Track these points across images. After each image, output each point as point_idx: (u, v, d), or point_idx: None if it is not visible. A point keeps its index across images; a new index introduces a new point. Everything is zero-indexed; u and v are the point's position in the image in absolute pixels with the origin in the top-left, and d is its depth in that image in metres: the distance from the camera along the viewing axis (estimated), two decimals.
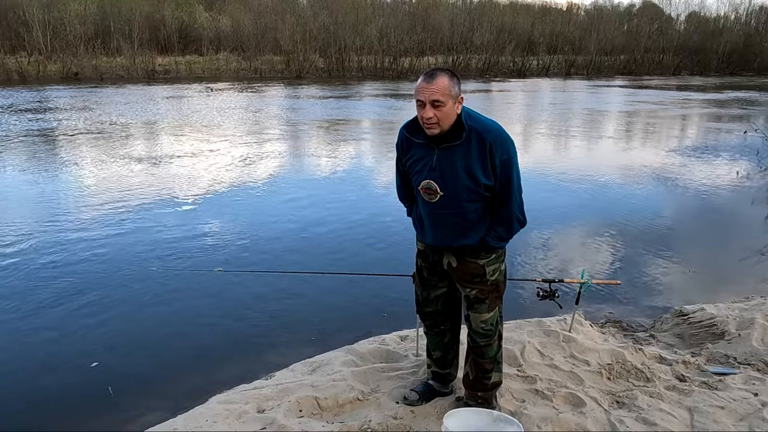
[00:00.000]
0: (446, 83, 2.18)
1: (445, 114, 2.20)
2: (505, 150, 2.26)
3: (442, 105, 2.18)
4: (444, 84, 2.17)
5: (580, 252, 5.71)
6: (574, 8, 54.32)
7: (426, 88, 2.18)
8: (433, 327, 2.73)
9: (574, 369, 3.14)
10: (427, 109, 2.19)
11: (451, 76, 2.21)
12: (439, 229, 2.41)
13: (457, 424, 2.38)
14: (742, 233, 6.47)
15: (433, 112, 2.19)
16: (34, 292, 4.52)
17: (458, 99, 2.23)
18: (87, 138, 11.97)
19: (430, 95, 2.17)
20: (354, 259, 5.35)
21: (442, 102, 2.17)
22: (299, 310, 4.32)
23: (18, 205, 7.03)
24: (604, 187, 8.35)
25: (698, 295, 4.67)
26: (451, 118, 2.23)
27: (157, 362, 3.60)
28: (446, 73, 2.21)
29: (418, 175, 2.38)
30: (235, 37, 37.56)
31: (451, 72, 2.24)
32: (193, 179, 8.41)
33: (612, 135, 13.81)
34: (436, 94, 2.16)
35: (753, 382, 3.03)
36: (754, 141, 11.88)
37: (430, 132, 2.25)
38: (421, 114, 2.23)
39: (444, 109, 2.19)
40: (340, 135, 13.07)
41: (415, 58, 38.27)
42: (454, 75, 2.23)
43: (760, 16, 51.26)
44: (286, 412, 2.71)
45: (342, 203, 7.31)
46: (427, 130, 2.25)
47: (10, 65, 29.09)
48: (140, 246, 5.57)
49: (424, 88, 2.19)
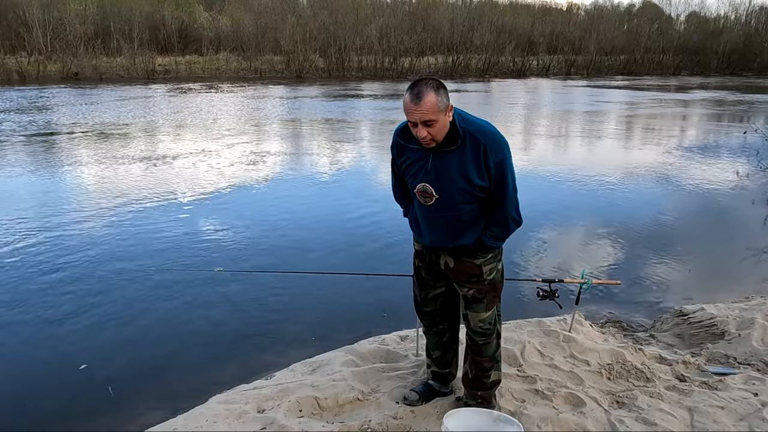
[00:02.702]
0: (434, 101, 2.15)
1: (438, 129, 2.21)
2: (499, 151, 2.27)
3: (434, 122, 2.18)
4: (432, 102, 2.15)
5: (580, 252, 5.71)
6: (574, 8, 54.47)
7: (415, 110, 2.16)
8: (432, 326, 2.74)
9: (574, 369, 3.14)
10: (420, 129, 2.19)
11: (437, 88, 2.17)
12: (436, 231, 2.42)
13: (457, 424, 2.38)
14: (742, 233, 6.47)
15: (427, 131, 2.19)
16: (33, 292, 4.52)
17: (448, 109, 2.21)
18: (87, 138, 11.97)
19: (421, 116, 2.16)
20: (354, 259, 5.35)
21: (433, 120, 2.17)
22: (299, 310, 4.32)
23: (17, 205, 7.03)
24: (603, 186, 8.34)
25: (698, 295, 4.67)
26: (444, 129, 2.23)
27: (157, 362, 3.60)
28: (431, 87, 2.16)
29: (413, 178, 2.39)
30: (235, 37, 37.57)
31: (436, 83, 2.19)
32: (193, 179, 8.42)
33: (611, 135, 13.81)
34: (426, 114, 2.15)
35: (753, 382, 3.03)
36: (754, 141, 11.88)
37: (427, 146, 2.26)
38: (415, 132, 2.23)
39: (437, 125, 2.19)
40: (340, 135, 13.07)
41: (415, 58, 38.29)
42: (440, 85, 2.19)
43: (760, 16, 51.33)
44: (286, 412, 2.71)
45: (342, 203, 7.31)
46: (425, 145, 2.27)
47: (10, 65, 29.09)
48: (140, 246, 5.58)
49: (413, 110, 2.16)
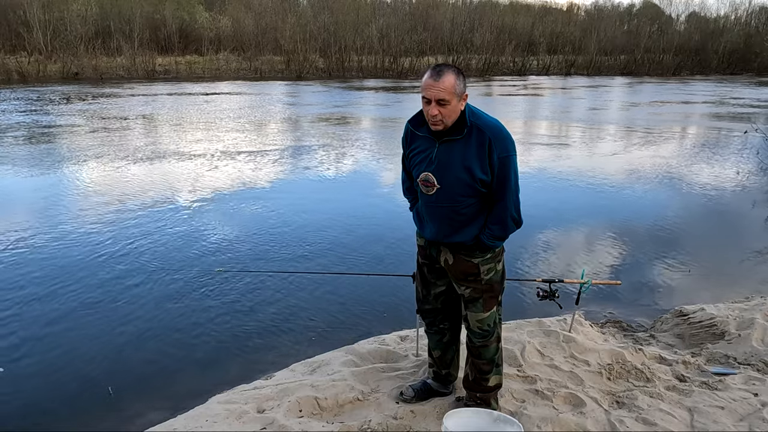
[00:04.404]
0: (452, 82, 2.21)
1: (449, 111, 2.25)
2: (504, 147, 2.29)
3: (447, 103, 2.22)
4: (450, 83, 2.21)
5: (580, 252, 5.71)
6: (574, 8, 54.50)
7: (432, 86, 2.21)
8: (432, 325, 2.75)
9: (574, 369, 3.14)
10: (432, 106, 2.24)
11: (458, 73, 2.24)
12: (435, 223, 2.44)
13: (457, 424, 2.38)
14: (742, 233, 6.47)
15: (438, 110, 2.23)
16: (33, 292, 4.52)
17: (463, 96, 2.27)
18: (87, 138, 11.97)
19: (436, 94, 2.21)
20: (354, 259, 5.36)
21: (447, 100, 2.22)
22: (299, 310, 4.32)
23: (17, 205, 7.04)
24: (603, 187, 8.34)
25: (698, 295, 4.67)
26: (455, 114, 2.27)
27: (157, 362, 3.60)
28: (453, 70, 2.24)
29: (418, 167, 2.43)
30: (235, 37, 37.58)
31: (458, 69, 2.27)
32: (193, 179, 8.42)
33: (611, 135, 13.81)
34: (442, 93, 2.20)
35: (753, 382, 3.03)
36: (754, 141, 11.88)
37: (435, 128, 2.31)
38: (427, 110, 2.28)
39: (449, 107, 2.24)
40: (341, 135, 13.07)
41: (415, 58, 38.29)
42: (460, 72, 2.27)
43: (760, 16, 51.37)
44: (286, 412, 2.71)
45: (342, 203, 7.31)
46: (432, 126, 2.31)
47: (10, 65, 29.06)
48: (140, 246, 5.57)
49: (431, 86, 2.22)
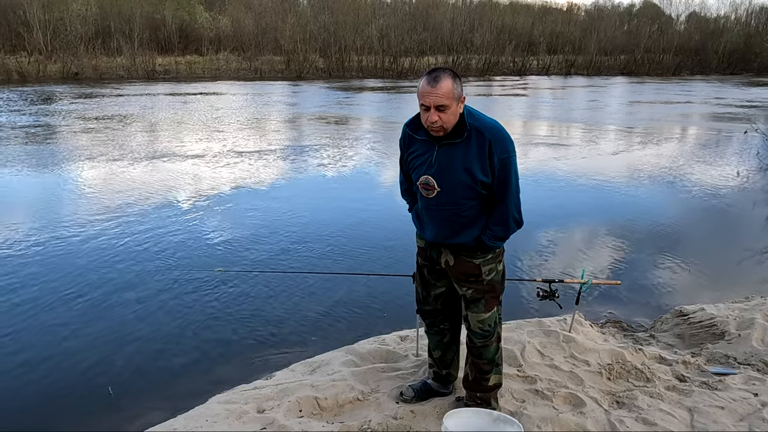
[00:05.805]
0: (450, 86, 2.20)
1: (449, 116, 2.24)
2: (504, 149, 2.28)
3: (447, 108, 2.21)
4: (448, 87, 2.19)
5: (580, 252, 5.71)
6: (574, 8, 54.46)
7: (430, 93, 2.20)
8: (433, 326, 2.75)
9: (574, 369, 3.14)
10: (432, 113, 2.22)
11: (454, 77, 2.23)
12: (436, 225, 2.43)
13: (457, 424, 2.38)
14: (742, 233, 6.47)
15: (438, 116, 2.22)
16: (33, 292, 4.52)
17: (461, 99, 2.25)
18: (86, 138, 11.97)
19: (435, 100, 2.19)
20: (354, 259, 5.35)
21: (446, 105, 2.20)
22: (299, 310, 4.32)
23: (17, 205, 7.03)
24: (603, 187, 8.34)
25: (698, 295, 4.67)
26: (454, 118, 2.26)
27: (157, 362, 3.60)
28: (449, 74, 2.22)
29: (417, 170, 2.41)
30: (235, 37, 37.56)
31: (453, 73, 2.25)
32: (193, 179, 8.42)
33: (610, 136, 13.81)
34: (441, 98, 2.19)
35: (753, 382, 3.03)
36: (754, 141, 11.88)
37: (435, 133, 2.29)
38: (426, 117, 2.25)
39: (448, 112, 2.22)
40: (341, 135, 13.07)
41: (415, 58, 38.28)
42: (456, 75, 2.25)
43: (760, 16, 51.35)
44: (286, 412, 2.71)
45: (342, 204, 7.31)
46: (432, 132, 2.29)
47: (10, 65, 29.06)
48: (139, 246, 5.57)
49: (429, 92, 2.20)
